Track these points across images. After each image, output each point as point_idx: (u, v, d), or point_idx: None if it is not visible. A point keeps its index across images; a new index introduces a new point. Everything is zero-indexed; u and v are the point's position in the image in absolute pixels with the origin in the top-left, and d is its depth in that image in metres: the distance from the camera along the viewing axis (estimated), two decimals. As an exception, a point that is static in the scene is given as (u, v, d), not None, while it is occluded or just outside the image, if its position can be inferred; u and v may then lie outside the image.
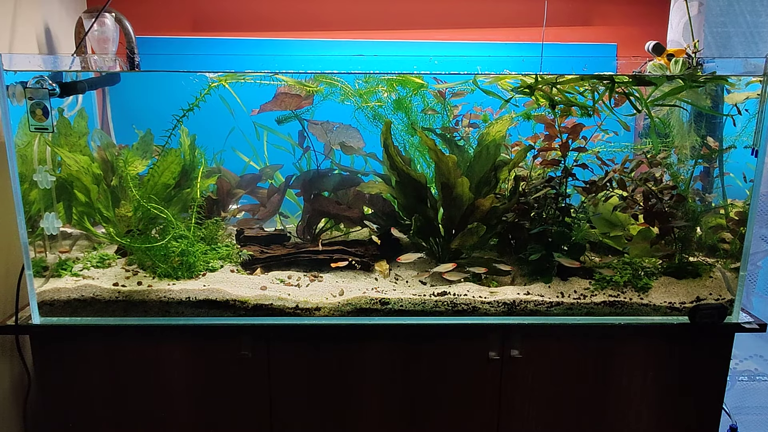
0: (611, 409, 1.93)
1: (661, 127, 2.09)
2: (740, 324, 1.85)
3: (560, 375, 1.90)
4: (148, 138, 2.25)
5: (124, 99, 2.47)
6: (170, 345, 1.84)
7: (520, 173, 2.15)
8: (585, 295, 1.88)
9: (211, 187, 2.27)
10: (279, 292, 1.87)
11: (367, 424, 1.92)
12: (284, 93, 2.11)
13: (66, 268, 1.94)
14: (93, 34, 2.08)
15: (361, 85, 2.09)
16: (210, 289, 1.85)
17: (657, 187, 1.93)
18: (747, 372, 2.58)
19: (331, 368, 1.88)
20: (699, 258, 2.04)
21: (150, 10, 2.56)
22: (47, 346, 1.84)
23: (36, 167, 1.82)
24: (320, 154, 2.28)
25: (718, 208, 2.07)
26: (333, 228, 2.35)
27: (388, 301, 1.86)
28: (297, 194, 2.31)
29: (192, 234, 1.97)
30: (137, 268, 1.97)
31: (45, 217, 1.84)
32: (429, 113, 2.23)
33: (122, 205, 2.12)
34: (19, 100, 1.69)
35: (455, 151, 2.15)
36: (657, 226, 1.92)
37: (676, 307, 1.87)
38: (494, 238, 2.14)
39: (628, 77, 1.86)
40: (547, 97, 1.89)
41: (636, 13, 2.63)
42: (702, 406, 1.93)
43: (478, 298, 1.86)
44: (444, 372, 1.89)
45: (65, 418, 1.88)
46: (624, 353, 1.88)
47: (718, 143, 2.05)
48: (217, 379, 1.87)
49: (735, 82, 1.89)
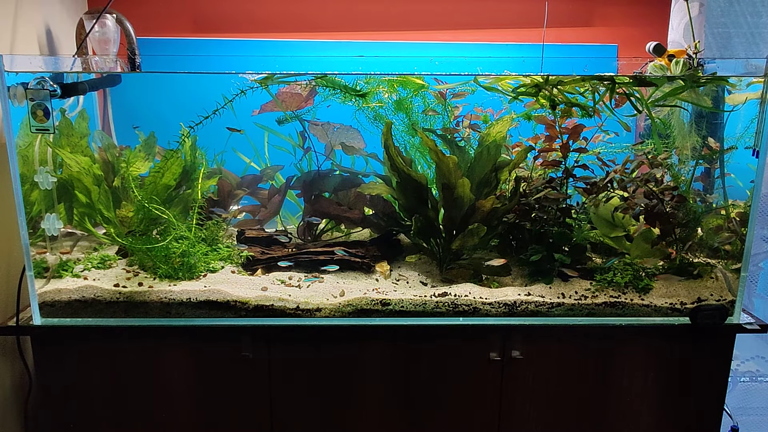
0: (612, 410, 1.92)
1: (661, 127, 2.09)
2: (741, 325, 1.85)
3: (561, 376, 1.89)
4: (151, 140, 2.25)
5: (125, 100, 2.47)
6: (171, 346, 1.84)
7: (521, 174, 2.15)
8: (586, 296, 1.88)
9: (211, 188, 2.27)
10: (280, 293, 1.87)
11: (367, 425, 1.92)
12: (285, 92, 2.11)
13: (67, 269, 1.94)
14: (94, 35, 2.08)
15: (362, 86, 2.09)
16: (211, 290, 1.85)
17: (658, 188, 1.93)
18: (749, 373, 2.58)
19: (332, 369, 1.88)
20: (700, 258, 2.04)
21: (151, 11, 2.56)
22: (48, 346, 1.84)
23: (37, 168, 1.82)
24: (321, 154, 2.28)
25: (719, 209, 2.07)
26: (334, 229, 2.35)
27: (389, 302, 1.86)
28: (298, 195, 2.31)
29: (193, 235, 1.98)
30: (138, 269, 1.97)
31: (46, 218, 1.84)
32: (430, 114, 2.23)
33: (123, 206, 2.12)
34: (20, 101, 1.69)
35: (456, 152, 2.15)
36: (658, 227, 1.92)
37: (677, 308, 1.87)
38: (495, 239, 2.14)
39: (629, 78, 1.86)
40: (547, 97, 1.89)
41: (637, 14, 2.63)
42: (703, 407, 1.93)
43: (479, 299, 1.86)
44: (445, 373, 1.89)
45: (66, 418, 1.88)
46: (625, 354, 1.88)
47: (719, 144, 2.04)
48: (217, 380, 1.87)
49: (736, 82, 1.88)
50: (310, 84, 2.10)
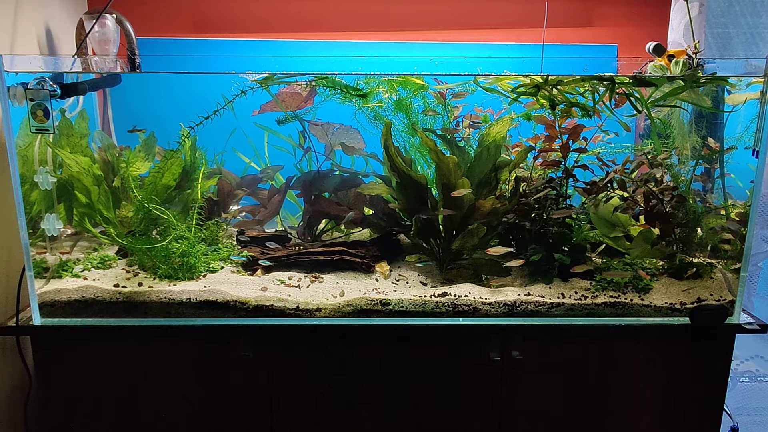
0: (612, 410, 1.92)
1: (661, 128, 2.09)
2: (741, 325, 1.85)
3: (561, 376, 1.89)
4: (151, 140, 2.25)
5: (124, 100, 2.47)
6: (171, 346, 1.84)
7: (521, 174, 2.15)
8: (586, 296, 1.88)
9: (211, 189, 2.27)
10: (279, 293, 1.87)
11: (368, 425, 1.92)
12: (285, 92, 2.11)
13: (67, 269, 1.94)
14: (94, 35, 2.08)
15: (362, 86, 2.09)
16: (211, 290, 1.85)
17: (658, 188, 1.93)
18: (748, 373, 2.58)
19: (332, 369, 1.88)
20: (700, 258, 2.04)
21: (151, 12, 2.56)
22: (48, 347, 1.84)
23: (37, 168, 1.82)
24: (321, 154, 2.28)
25: (719, 209, 2.07)
26: (333, 229, 2.35)
27: (388, 302, 1.86)
28: (297, 195, 2.31)
29: (193, 235, 1.98)
30: (138, 269, 1.97)
31: (46, 218, 1.84)
32: (430, 114, 2.23)
33: (123, 206, 2.12)
34: (20, 101, 1.69)
35: (456, 152, 2.15)
36: (657, 227, 1.92)
37: (677, 308, 1.87)
38: (495, 239, 2.14)
39: (629, 78, 1.86)
40: (547, 97, 1.89)
41: (636, 14, 2.63)
42: (703, 407, 1.93)
43: (479, 299, 1.86)
44: (445, 373, 1.89)
45: (66, 418, 1.88)
46: (625, 354, 1.88)
47: (719, 144, 2.04)
48: (217, 380, 1.87)
49: (735, 82, 1.89)
50: (310, 84, 2.10)
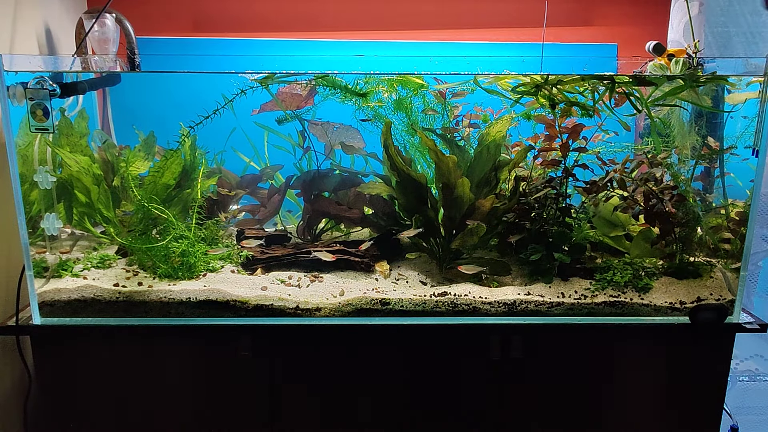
0: (612, 409, 1.93)
1: (661, 127, 2.09)
2: (741, 324, 1.85)
3: (561, 375, 1.89)
4: (150, 140, 2.25)
5: (124, 99, 2.47)
6: (171, 345, 1.84)
7: (521, 173, 2.15)
8: (586, 296, 1.88)
9: (211, 188, 2.27)
10: (279, 293, 1.87)
11: (368, 425, 1.92)
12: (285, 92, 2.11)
13: (66, 269, 1.94)
14: (93, 34, 2.08)
15: (362, 86, 2.09)
16: (210, 289, 1.85)
17: (658, 187, 1.93)
18: (748, 372, 2.58)
19: (332, 368, 1.88)
20: (700, 258, 2.04)
21: (150, 11, 2.56)
22: (48, 346, 1.84)
23: (36, 168, 1.82)
24: (320, 154, 2.28)
25: (719, 209, 2.07)
26: (333, 228, 2.35)
27: (388, 302, 1.86)
28: (297, 194, 2.31)
29: (192, 234, 1.97)
30: (138, 269, 1.97)
31: (45, 218, 1.84)
32: (429, 113, 2.23)
33: (123, 205, 2.12)
34: (19, 100, 1.69)
35: (455, 152, 2.15)
36: (657, 226, 1.92)
37: (677, 308, 1.87)
38: (495, 239, 2.14)
39: (629, 77, 1.86)
40: (547, 97, 1.89)
41: (636, 14, 2.63)
42: (703, 407, 1.93)
43: (479, 298, 1.86)
44: (445, 372, 1.89)
45: (66, 418, 1.88)
46: (625, 353, 1.88)
47: (719, 143, 2.04)
48: (217, 380, 1.87)
49: (735, 82, 1.89)
50: (310, 83, 2.10)
